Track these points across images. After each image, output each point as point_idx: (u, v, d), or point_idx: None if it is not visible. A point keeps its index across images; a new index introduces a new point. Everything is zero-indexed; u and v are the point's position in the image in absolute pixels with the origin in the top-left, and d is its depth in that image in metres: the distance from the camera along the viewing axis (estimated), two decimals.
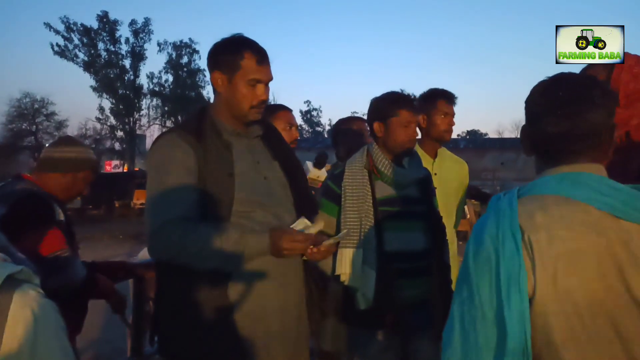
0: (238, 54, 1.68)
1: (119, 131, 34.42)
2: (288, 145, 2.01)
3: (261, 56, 1.71)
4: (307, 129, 51.30)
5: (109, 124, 34.28)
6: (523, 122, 1.42)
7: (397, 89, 2.33)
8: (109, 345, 4.21)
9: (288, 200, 1.80)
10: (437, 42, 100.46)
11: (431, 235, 2.10)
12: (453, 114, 2.79)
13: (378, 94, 2.21)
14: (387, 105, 2.09)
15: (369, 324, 2.03)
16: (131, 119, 33.90)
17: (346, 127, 3.09)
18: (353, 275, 1.98)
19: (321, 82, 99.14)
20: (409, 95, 2.18)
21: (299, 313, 1.78)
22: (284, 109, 2.81)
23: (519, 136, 1.42)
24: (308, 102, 54.44)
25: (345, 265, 1.98)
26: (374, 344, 2.05)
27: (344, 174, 2.10)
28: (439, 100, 2.76)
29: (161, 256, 1.63)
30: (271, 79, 1.74)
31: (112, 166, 35.90)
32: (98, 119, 34.09)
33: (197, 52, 34.68)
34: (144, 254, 3.57)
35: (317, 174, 2.20)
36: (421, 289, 2.05)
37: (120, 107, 33.22)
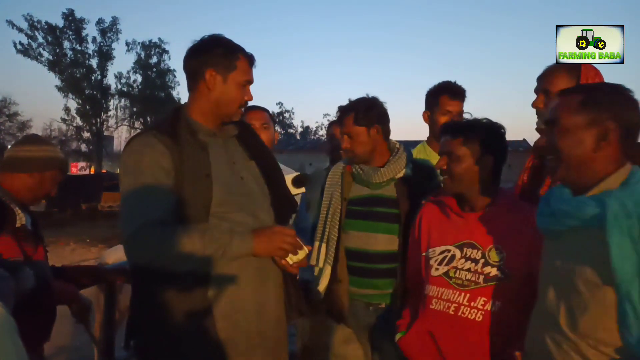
0: (234, 55, 1.69)
1: (85, 132, 33.49)
2: (264, 144, 2.01)
3: (252, 59, 1.76)
4: (279, 130, 51.06)
5: (75, 125, 33.35)
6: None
7: (373, 90, 2.33)
8: (78, 353, 4.11)
9: (265, 200, 1.80)
10: (412, 42, 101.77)
11: (403, 238, 2.03)
12: (458, 111, 2.61)
13: (352, 95, 2.26)
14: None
15: (326, 313, 2.16)
16: (98, 120, 33.02)
17: (328, 132, 3.19)
18: (316, 267, 2.13)
19: (293, 84, 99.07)
20: (345, 108, 2.14)
21: (278, 316, 1.79)
22: (259, 109, 2.81)
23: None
24: (280, 103, 54.06)
25: (313, 257, 2.12)
26: (336, 335, 2.18)
27: (329, 172, 2.27)
28: (441, 96, 2.62)
29: (139, 260, 1.59)
30: (253, 81, 1.77)
31: (78, 168, 34.96)
32: (63, 120, 33.12)
33: (167, 52, 34.12)
34: (108, 257, 3.50)
35: (294, 192, 2.19)
36: (383, 289, 2.06)
37: (87, 107, 32.32)
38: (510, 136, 2.01)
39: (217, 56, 1.68)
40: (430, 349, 1.73)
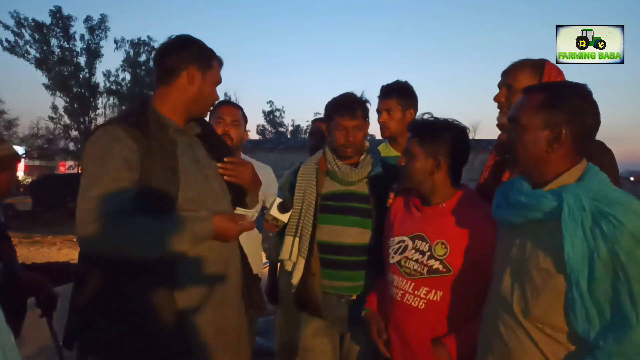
0: (212, 55, 1.79)
1: (73, 131, 33.10)
2: (225, 142, 2.06)
3: (222, 61, 1.84)
4: (269, 129, 50.94)
5: (62, 123, 32.96)
6: (480, 123, 1.62)
7: (361, 89, 2.34)
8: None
9: (227, 198, 1.85)
10: (407, 42, 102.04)
11: (375, 232, 2.14)
12: (382, 109, 2.69)
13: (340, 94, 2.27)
14: (329, 109, 2.24)
15: (298, 308, 2.27)
16: (86, 118, 32.66)
17: (311, 128, 3.19)
18: (289, 262, 2.24)
19: (284, 82, 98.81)
20: (353, 99, 2.20)
21: (237, 310, 1.84)
22: (232, 105, 2.80)
23: (480, 137, 1.54)
24: (271, 102, 53.95)
25: (286, 252, 2.23)
26: (306, 328, 2.26)
27: (299, 169, 2.32)
28: None
29: (94, 250, 1.57)
30: None
31: (66, 167, 34.59)
32: (51, 118, 32.71)
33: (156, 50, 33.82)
34: None
35: (278, 216, 2.22)
36: (355, 281, 2.18)
37: (75, 105, 31.96)
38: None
39: (198, 53, 1.76)
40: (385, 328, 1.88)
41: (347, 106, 2.16)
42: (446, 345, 1.68)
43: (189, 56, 1.72)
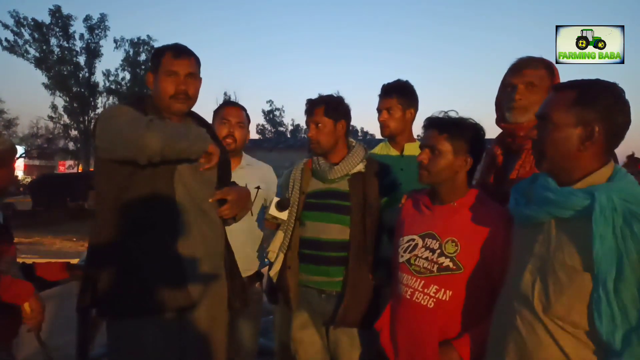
0: (161, 54, 1.91)
1: (73, 130, 33.12)
2: (220, 142, 2.14)
3: (177, 51, 1.91)
4: (269, 129, 50.93)
5: (62, 122, 32.98)
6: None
7: (364, 90, 2.36)
8: (57, 353, 4.06)
9: (212, 188, 1.97)
10: (406, 42, 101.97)
11: (356, 229, 2.16)
12: (382, 108, 2.67)
13: (341, 93, 2.32)
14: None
15: (281, 301, 2.35)
16: (86, 118, 32.67)
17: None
18: (273, 253, 2.32)
19: (284, 82, 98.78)
20: (311, 101, 2.28)
21: (220, 296, 1.97)
22: (237, 106, 2.77)
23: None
24: (270, 101, 54.03)
25: (273, 245, 2.31)
26: (295, 321, 2.32)
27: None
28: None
29: (157, 145, 1.66)
30: (188, 72, 1.90)
31: (66, 167, 34.60)
32: (50, 118, 32.74)
33: None
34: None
35: (277, 214, 2.27)
36: (333, 277, 2.20)
37: (75, 105, 31.98)
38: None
39: (152, 60, 1.96)
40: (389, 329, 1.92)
41: (307, 107, 2.28)
42: (456, 348, 1.67)
43: (150, 67, 1.97)
